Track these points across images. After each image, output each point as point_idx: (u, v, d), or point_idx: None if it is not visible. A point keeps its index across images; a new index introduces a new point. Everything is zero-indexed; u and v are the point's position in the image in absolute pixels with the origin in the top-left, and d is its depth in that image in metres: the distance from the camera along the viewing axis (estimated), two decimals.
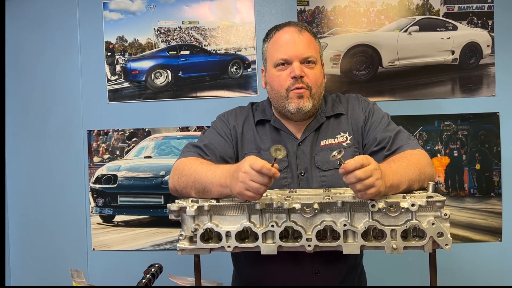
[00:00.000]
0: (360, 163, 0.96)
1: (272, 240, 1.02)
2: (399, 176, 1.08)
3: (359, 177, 0.96)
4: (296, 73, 1.25)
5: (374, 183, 0.97)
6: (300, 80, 1.27)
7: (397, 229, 0.98)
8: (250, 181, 0.99)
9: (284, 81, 1.28)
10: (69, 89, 2.19)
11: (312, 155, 1.30)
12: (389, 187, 1.04)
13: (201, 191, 1.12)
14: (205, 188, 1.11)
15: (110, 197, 2.18)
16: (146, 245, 2.15)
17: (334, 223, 1.00)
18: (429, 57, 2.04)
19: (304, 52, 1.28)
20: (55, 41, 2.19)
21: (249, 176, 0.99)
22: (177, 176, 1.19)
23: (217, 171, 1.11)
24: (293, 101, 1.28)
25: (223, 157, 1.30)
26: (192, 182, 1.14)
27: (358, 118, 1.35)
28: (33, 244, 2.23)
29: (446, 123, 2.03)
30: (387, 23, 2.05)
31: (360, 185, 0.97)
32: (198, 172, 1.14)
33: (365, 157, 0.99)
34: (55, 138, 2.21)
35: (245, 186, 0.99)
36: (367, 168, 0.97)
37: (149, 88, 2.15)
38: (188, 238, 1.05)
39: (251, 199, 1.01)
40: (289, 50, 1.28)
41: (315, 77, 1.29)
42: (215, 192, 1.09)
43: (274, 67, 1.31)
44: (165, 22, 2.15)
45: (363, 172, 0.96)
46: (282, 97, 1.30)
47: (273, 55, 1.31)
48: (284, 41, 1.30)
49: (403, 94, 2.05)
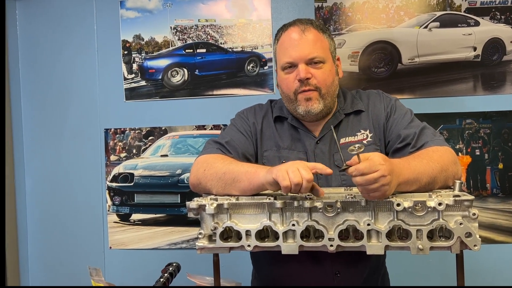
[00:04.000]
0: (360, 172, 0.95)
1: (293, 240, 1.00)
2: (417, 173, 1.05)
3: (360, 183, 0.95)
4: (301, 75, 1.23)
5: (378, 188, 0.95)
6: (306, 82, 1.24)
7: (423, 229, 0.95)
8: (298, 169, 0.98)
9: (291, 84, 1.26)
10: (86, 88, 2.20)
11: (331, 154, 1.27)
12: (405, 183, 1.02)
13: (229, 182, 1.10)
14: (235, 178, 1.09)
15: (127, 195, 2.18)
16: (163, 244, 2.14)
17: (357, 223, 0.97)
18: (450, 53, 1.98)
19: (309, 53, 1.25)
20: (72, 40, 2.20)
21: (300, 165, 0.98)
22: (204, 168, 1.17)
23: (254, 165, 1.12)
24: (302, 104, 1.26)
25: (245, 154, 1.28)
26: (223, 173, 1.12)
27: (379, 114, 1.32)
28: (51, 243, 2.24)
29: (468, 121, 1.98)
30: (407, 19, 2.00)
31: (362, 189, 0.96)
32: (231, 165, 1.14)
33: (368, 166, 0.95)
34: (72, 136, 2.21)
35: (291, 170, 0.98)
36: (369, 176, 0.94)
37: (165, 87, 2.14)
38: (207, 237, 1.03)
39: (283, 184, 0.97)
40: (293, 52, 1.25)
41: (323, 77, 1.25)
42: (244, 181, 1.07)
43: (282, 70, 1.29)
44: (181, 20, 2.14)
45: (365, 180, 0.94)
46: (291, 100, 1.28)
47: (280, 58, 1.29)
48: (288, 43, 1.27)
49: (423, 91, 2.00)
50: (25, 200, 2.25)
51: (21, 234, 2.26)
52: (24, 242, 2.26)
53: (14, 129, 2.24)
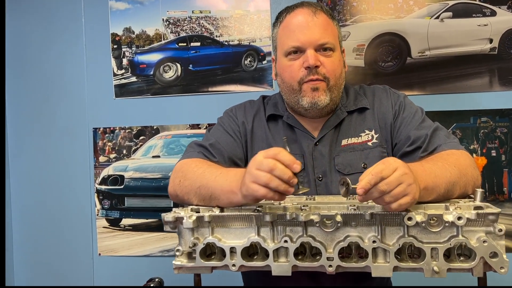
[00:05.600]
0: (378, 176, 0.78)
1: (286, 259, 0.85)
2: (434, 177, 0.89)
3: (382, 190, 0.78)
4: (310, 62, 1.08)
5: (405, 190, 0.79)
6: (315, 71, 1.09)
7: (439, 247, 0.80)
8: (255, 169, 0.81)
9: (296, 72, 1.11)
10: (74, 85, 2.07)
11: (331, 157, 1.12)
12: (424, 190, 0.86)
13: (207, 198, 0.95)
14: (212, 195, 0.94)
15: (117, 199, 2.05)
16: (155, 251, 2.01)
17: (361, 239, 0.83)
18: (464, 46, 1.84)
19: (320, 37, 1.10)
20: (59, 33, 2.07)
21: (256, 164, 0.81)
22: (179, 179, 1.03)
23: (230, 174, 0.94)
24: (307, 94, 1.10)
25: (232, 158, 1.13)
26: (197, 188, 0.97)
27: (386, 113, 1.17)
28: (36, 249, 2.12)
29: (483, 120, 1.84)
30: (417, 9, 1.86)
31: (389, 197, 0.79)
32: (205, 177, 0.97)
33: (384, 167, 0.80)
34: (59, 136, 2.08)
35: (250, 176, 0.82)
36: (389, 179, 0.78)
37: (157, 83, 2.01)
38: (186, 254, 0.89)
39: (257, 196, 0.82)
40: (301, 35, 1.10)
41: (332, 66, 1.11)
42: (223, 200, 0.92)
43: (285, 56, 1.14)
44: (174, 11, 2.00)
45: (386, 185, 0.78)
46: (294, 90, 1.12)
47: (284, 42, 1.14)
48: (295, 25, 1.12)
49: (435, 87, 1.86)
50: (10, 204, 2.13)
51: (7, 239, 2.13)
52: (9, 248, 2.13)
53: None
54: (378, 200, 0.80)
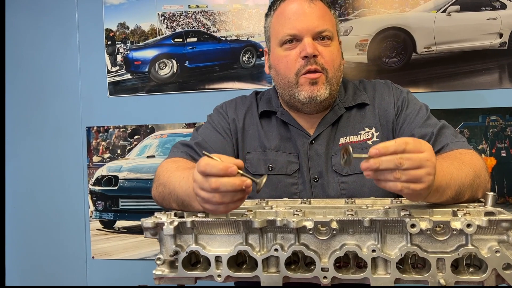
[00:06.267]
0: (401, 147, 0.68)
1: (276, 268, 0.78)
2: (449, 178, 0.80)
3: (399, 162, 0.68)
4: (308, 51, 1.00)
5: (423, 177, 0.70)
6: (313, 61, 1.01)
7: (445, 257, 0.72)
8: (200, 190, 0.74)
9: (292, 62, 1.03)
10: (67, 82, 2.01)
11: (328, 156, 1.04)
12: (434, 191, 0.77)
13: (180, 204, 0.88)
14: (183, 202, 0.86)
15: (111, 200, 1.98)
16: (150, 254, 1.95)
17: (359, 248, 0.74)
18: (472, 41, 1.76)
19: (318, 25, 1.03)
20: (52, 29, 2.01)
21: (197, 184, 0.74)
22: (156, 185, 0.96)
23: (190, 180, 0.84)
24: (305, 88, 1.03)
25: None
26: (169, 194, 0.90)
27: (388, 109, 1.09)
28: (28, 251, 2.06)
29: (492, 118, 1.76)
30: (422, 3, 1.79)
31: (401, 174, 0.69)
32: (171, 182, 0.90)
33: (412, 142, 0.70)
34: (52, 135, 2.02)
35: (200, 199, 0.75)
36: (412, 155, 0.69)
37: (152, 80, 1.94)
38: (168, 263, 0.81)
39: (220, 213, 0.76)
40: (298, 23, 1.03)
41: (331, 56, 1.03)
42: (195, 206, 0.83)
43: (280, 45, 1.06)
44: (170, 6, 1.93)
45: (408, 159, 0.68)
46: (290, 83, 1.04)
47: (278, 31, 1.06)
48: (291, 12, 1.05)
49: (441, 84, 1.78)
50: (4, 204, 2.07)
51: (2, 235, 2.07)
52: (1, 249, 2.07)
53: None
54: (385, 174, 0.70)
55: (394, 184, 0.70)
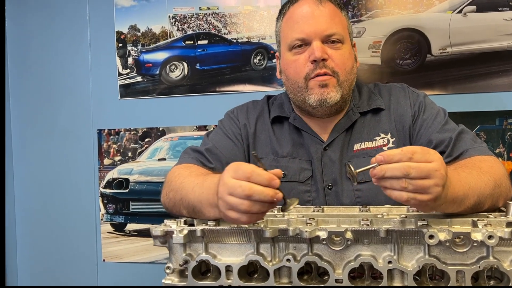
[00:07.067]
0: (407, 156, 0.66)
1: (288, 279, 0.76)
2: (467, 188, 0.78)
3: (406, 171, 0.66)
4: (316, 55, 0.98)
5: (430, 188, 0.68)
6: (322, 64, 0.99)
7: (465, 270, 0.69)
8: (228, 195, 0.71)
9: (301, 67, 1.01)
10: (78, 85, 2.00)
11: (342, 163, 1.02)
12: (451, 202, 0.74)
13: (191, 211, 0.86)
14: (194, 209, 0.84)
15: (122, 203, 1.98)
16: (160, 258, 1.93)
17: (374, 259, 0.72)
18: (489, 42, 1.72)
19: (327, 28, 1.01)
20: (63, 32, 2.01)
21: (227, 188, 0.71)
22: (166, 190, 0.95)
23: (205, 184, 0.83)
24: (315, 91, 1.00)
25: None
26: (180, 200, 0.88)
27: (404, 114, 1.06)
28: (39, 254, 2.07)
29: (510, 121, 1.71)
30: (437, 3, 1.75)
31: (407, 183, 0.67)
32: (184, 187, 0.88)
33: (420, 151, 0.68)
34: (63, 138, 2.02)
35: (225, 204, 0.71)
36: (420, 165, 0.67)
37: (163, 83, 1.93)
38: (178, 272, 0.79)
39: (240, 223, 0.73)
40: (306, 26, 1.01)
41: (341, 59, 1.01)
42: (207, 213, 0.81)
43: (289, 50, 1.04)
44: (181, 8, 1.92)
45: (414, 169, 0.66)
46: (300, 88, 1.03)
47: (287, 35, 1.05)
48: (299, 16, 1.03)
49: (457, 86, 1.74)
50: (14, 207, 2.07)
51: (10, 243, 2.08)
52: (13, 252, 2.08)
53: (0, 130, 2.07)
54: (391, 182, 0.68)
55: (400, 193, 0.68)
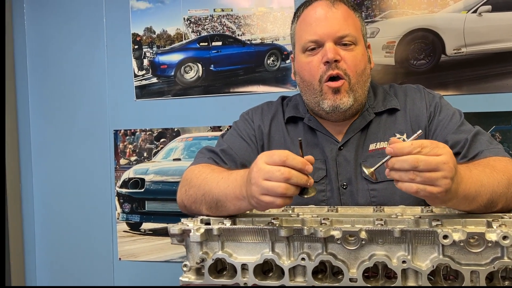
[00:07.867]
0: (416, 149, 0.68)
1: (303, 278, 0.77)
2: (479, 186, 0.79)
3: (415, 164, 0.68)
4: (329, 56, 0.99)
5: (438, 180, 0.69)
6: (334, 65, 1.00)
7: (480, 270, 0.70)
8: (264, 180, 0.73)
9: (315, 68, 1.03)
10: (95, 86, 2.04)
11: (357, 163, 1.03)
12: (463, 198, 0.76)
13: (213, 206, 0.88)
14: (218, 203, 0.87)
15: (137, 202, 2.01)
16: (175, 257, 1.96)
17: (388, 259, 0.73)
18: (504, 42, 1.70)
19: (339, 29, 1.01)
20: (80, 34, 2.05)
21: (262, 174, 0.73)
22: (185, 188, 0.96)
23: (231, 178, 0.86)
24: (328, 97, 1.02)
25: (245, 164, 1.05)
26: (202, 196, 0.90)
27: (420, 115, 1.06)
28: (57, 252, 2.11)
29: None
30: (452, 3, 1.74)
31: (415, 175, 0.69)
32: (208, 183, 0.90)
33: (429, 144, 0.70)
34: (80, 138, 2.06)
35: (259, 189, 0.73)
36: (429, 158, 0.68)
37: (178, 84, 1.95)
38: (195, 270, 0.81)
39: (273, 207, 0.75)
40: (319, 28, 1.02)
41: (354, 61, 1.02)
42: (231, 207, 0.84)
43: (303, 52, 1.05)
44: (195, 10, 1.94)
45: (423, 161, 0.68)
46: (315, 91, 1.04)
47: (301, 37, 1.06)
48: (313, 18, 1.04)
49: (472, 87, 1.73)
50: (33, 206, 2.12)
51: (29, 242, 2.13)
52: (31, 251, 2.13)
53: (20, 131, 2.11)
54: (400, 174, 0.70)
55: (410, 185, 0.70)
